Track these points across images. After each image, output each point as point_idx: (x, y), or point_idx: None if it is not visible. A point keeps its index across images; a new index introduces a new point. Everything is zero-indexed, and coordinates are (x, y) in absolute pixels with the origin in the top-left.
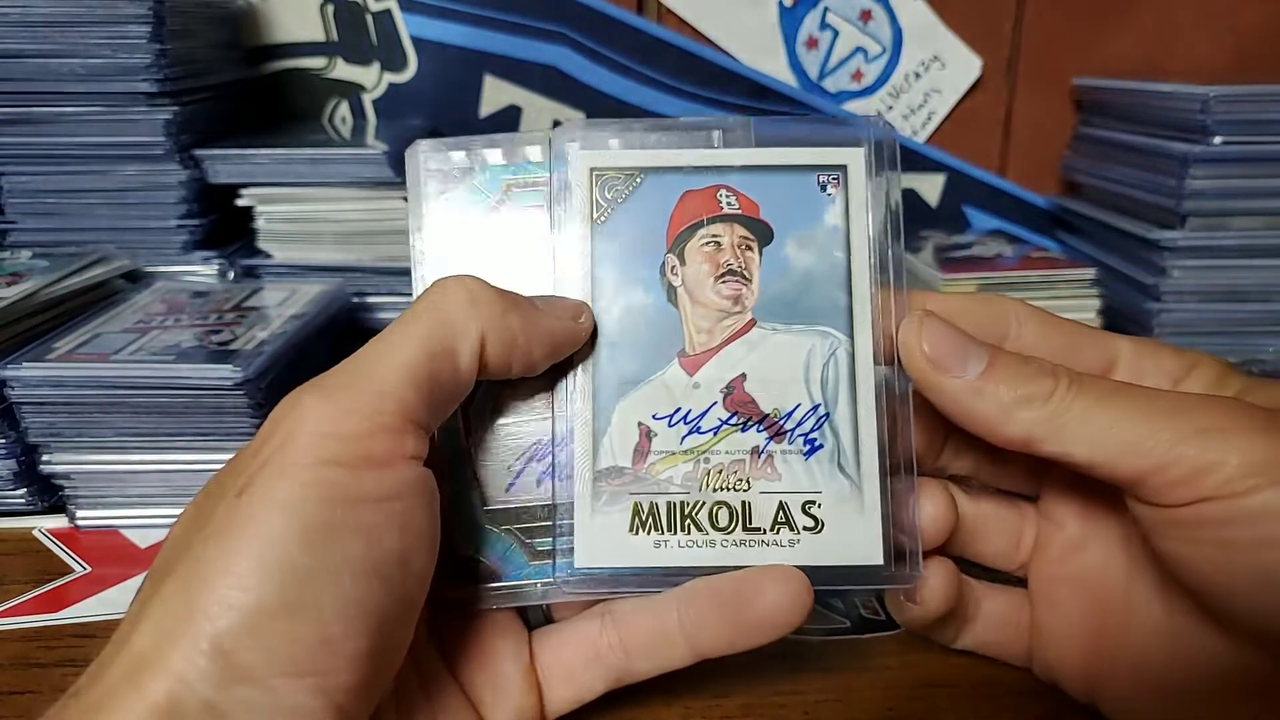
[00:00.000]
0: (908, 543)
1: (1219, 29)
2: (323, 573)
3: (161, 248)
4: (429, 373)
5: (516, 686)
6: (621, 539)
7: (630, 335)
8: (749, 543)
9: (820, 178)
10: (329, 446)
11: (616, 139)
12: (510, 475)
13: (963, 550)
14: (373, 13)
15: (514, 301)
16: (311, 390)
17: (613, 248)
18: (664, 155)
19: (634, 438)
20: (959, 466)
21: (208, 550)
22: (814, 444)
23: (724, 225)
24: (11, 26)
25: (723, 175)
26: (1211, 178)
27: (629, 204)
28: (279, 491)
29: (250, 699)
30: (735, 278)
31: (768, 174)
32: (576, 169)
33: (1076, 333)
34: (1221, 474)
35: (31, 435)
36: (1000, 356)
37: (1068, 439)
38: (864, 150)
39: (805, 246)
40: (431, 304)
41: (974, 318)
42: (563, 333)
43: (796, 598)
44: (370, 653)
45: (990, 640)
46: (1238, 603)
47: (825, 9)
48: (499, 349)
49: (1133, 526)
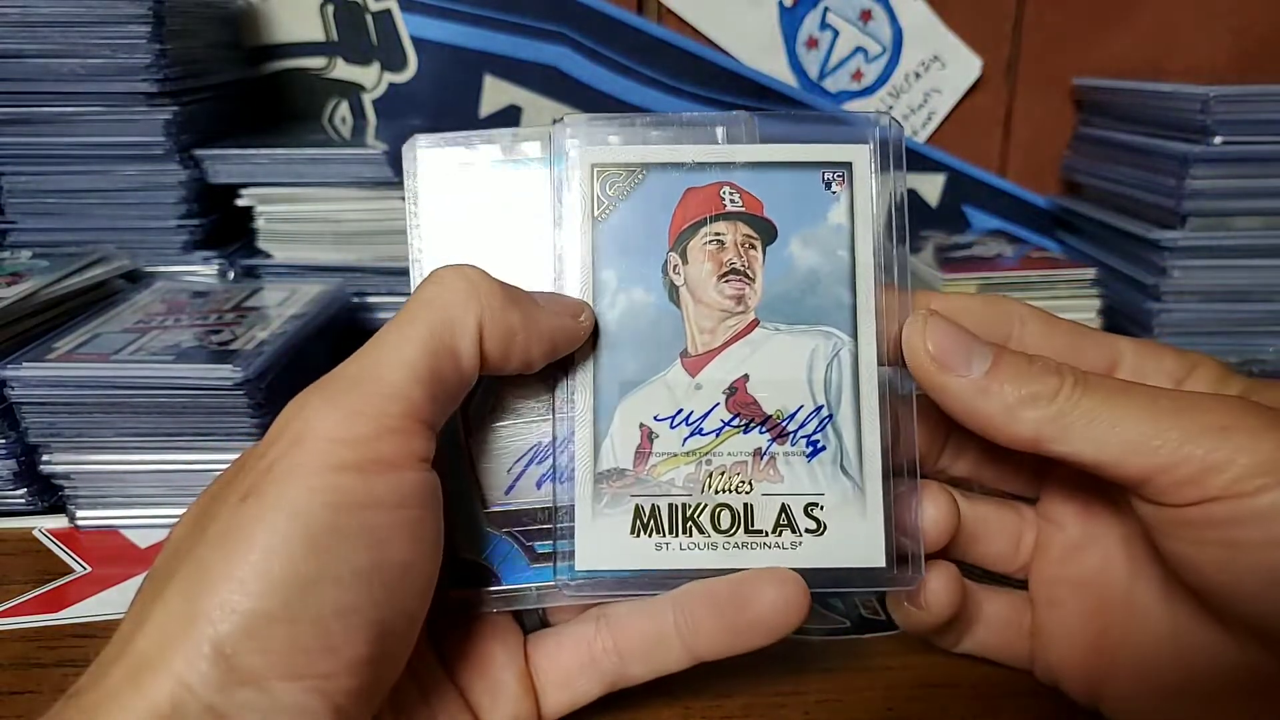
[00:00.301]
0: (910, 545)
1: (1219, 29)
2: (327, 580)
3: (161, 248)
4: (433, 370)
5: (512, 691)
6: (623, 541)
7: (632, 335)
8: (751, 545)
9: (825, 175)
10: (338, 451)
11: (617, 135)
12: (510, 478)
13: (963, 553)
14: (373, 13)
15: (514, 296)
16: (317, 393)
17: (614, 245)
18: (666, 151)
19: (635, 439)
20: (959, 469)
21: (212, 554)
22: (816, 446)
23: (727, 223)
24: (11, 26)
25: (726, 172)
26: (1211, 178)
27: (630, 201)
28: (286, 497)
29: (251, 701)
30: (738, 277)
31: (772, 171)
32: (577, 165)
33: (1079, 334)
34: (1229, 473)
35: (31, 435)
36: (1005, 355)
37: (1074, 438)
38: (869, 147)
39: (809, 245)
40: (430, 297)
41: (977, 317)
42: (562, 331)
43: (793, 600)
44: (372, 659)
45: (992, 643)
46: (1244, 603)
47: (825, 9)
48: (497, 343)
49: (1134, 527)
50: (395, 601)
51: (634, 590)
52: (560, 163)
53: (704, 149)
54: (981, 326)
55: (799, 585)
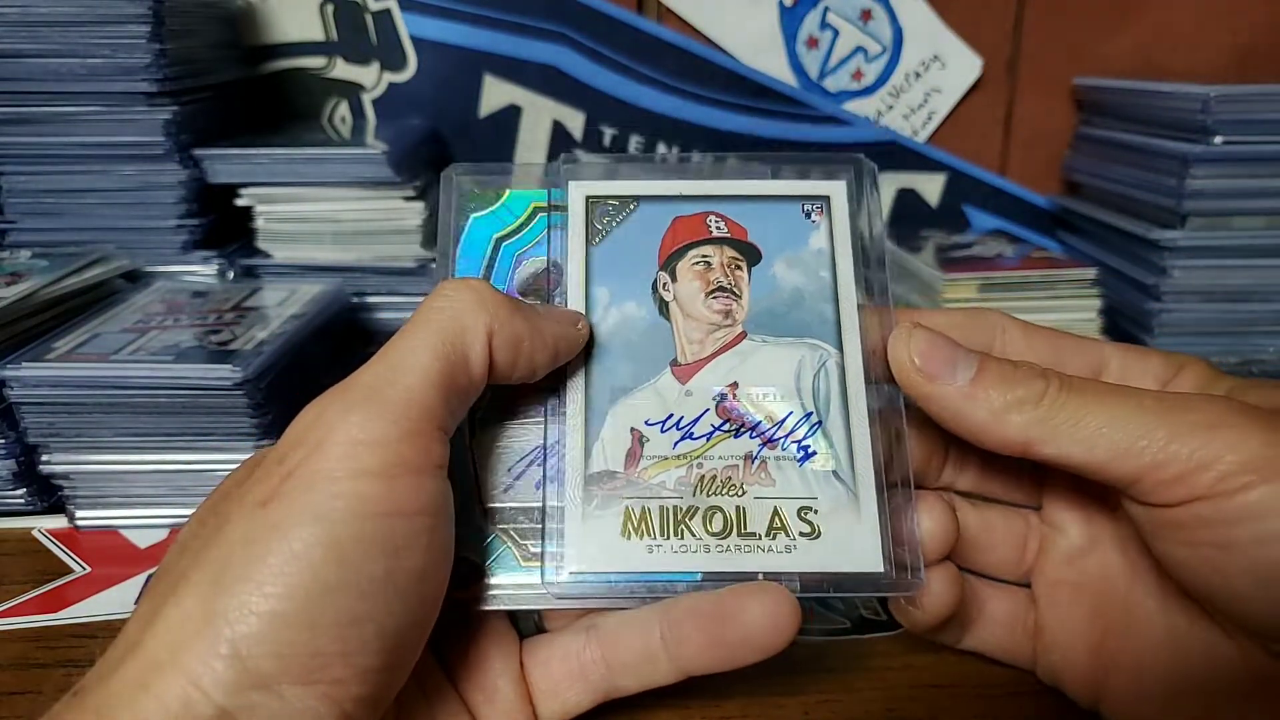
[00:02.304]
0: (908, 556)
1: (1219, 29)
2: (346, 587)
3: (161, 248)
4: (447, 376)
5: (508, 696)
6: (613, 543)
7: (624, 345)
8: (745, 548)
9: (805, 206)
10: (360, 455)
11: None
12: (510, 477)
13: (969, 562)
14: (372, 12)
15: (518, 305)
16: (336, 399)
17: (608, 265)
18: (657, 185)
19: (626, 443)
20: (963, 483)
21: (232, 558)
22: (808, 451)
23: (714, 246)
24: (11, 26)
25: (712, 203)
26: (1211, 178)
27: (623, 228)
28: (310, 503)
29: (262, 704)
30: (725, 294)
31: (754, 203)
32: (573, 199)
33: (1062, 341)
34: (1216, 471)
35: (31, 435)
36: (989, 362)
37: (1062, 440)
38: (845, 183)
39: (793, 266)
40: (441, 306)
41: (959, 330)
42: (564, 338)
43: (780, 617)
44: (383, 667)
45: (994, 641)
46: (1237, 603)
47: (825, 9)
48: (505, 351)
49: (1131, 531)
50: (408, 609)
51: (624, 596)
52: (559, 196)
53: (691, 184)
54: (963, 339)
55: (788, 600)
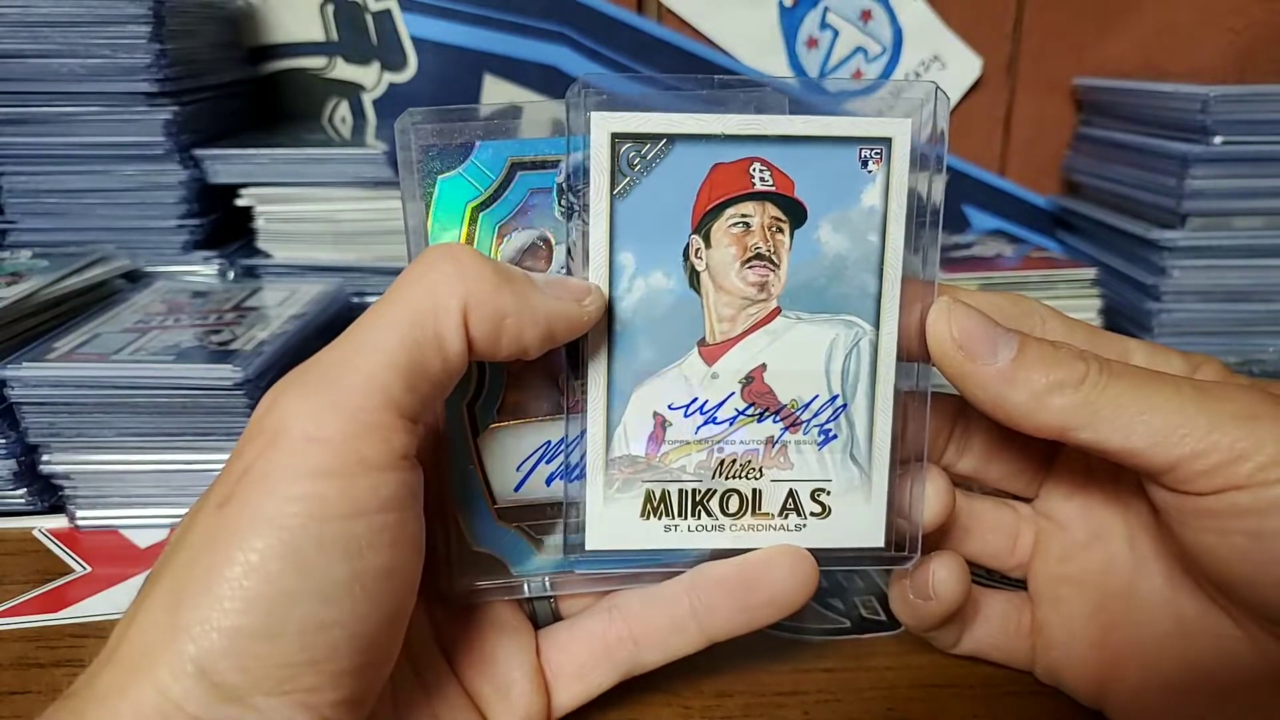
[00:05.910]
0: (907, 526)
1: (1219, 29)
2: (309, 594)
3: (161, 248)
4: (415, 358)
5: (523, 687)
6: (632, 523)
7: (649, 322)
8: (757, 527)
9: (862, 152)
10: (315, 453)
11: (642, 99)
12: (519, 475)
13: (957, 546)
14: (372, 12)
15: (507, 276)
16: (293, 387)
17: (634, 225)
18: (694, 121)
19: (649, 427)
20: (964, 466)
21: (193, 565)
22: (829, 434)
23: (755, 204)
24: (11, 26)
25: (758, 146)
26: (1211, 178)
27: (654, 176)
28: (265, 508)
29: (236, 717)
30: (763, 263)
31: (806, 146)
32: (596, 135)
33: (1095, 334)
34: (1255, 461)
35: (31, 435)
36: (1031, 342)
37: (1101, 425)
38: (912, 122)
39: (839, 229)
40: (414, 280)
41: (1000, 312)
42: (561, 315)
43: (804, 575)
44: (357, 669)
45: (991, 644)
46: (1265, 591)
47: (825, 9)
48: (485, 327)
49: (1139, 522)
50: (377, 609)
51: (643, 571)
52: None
53: (735, 119)
54: (1004, 321)
55: (809, 562)
